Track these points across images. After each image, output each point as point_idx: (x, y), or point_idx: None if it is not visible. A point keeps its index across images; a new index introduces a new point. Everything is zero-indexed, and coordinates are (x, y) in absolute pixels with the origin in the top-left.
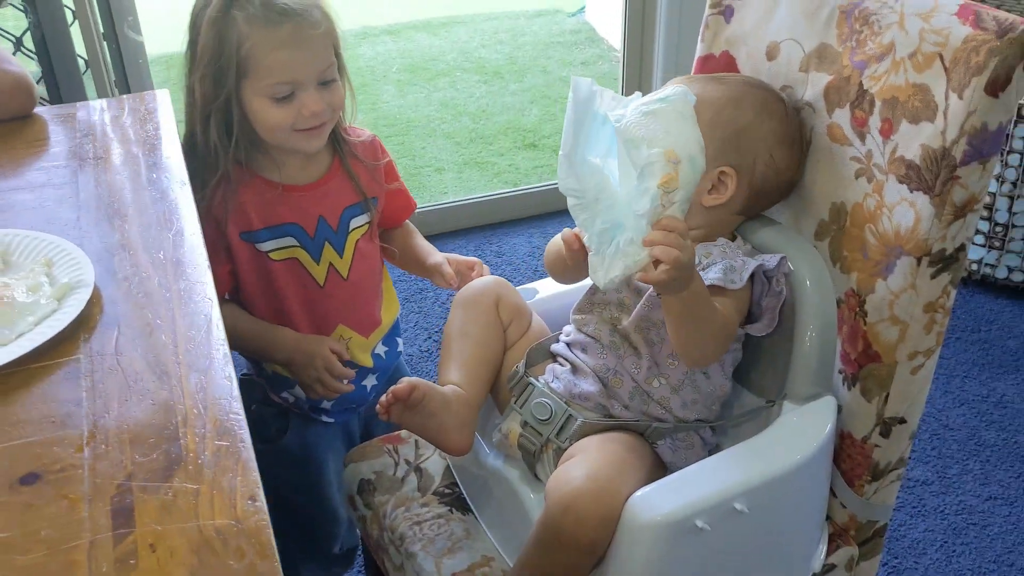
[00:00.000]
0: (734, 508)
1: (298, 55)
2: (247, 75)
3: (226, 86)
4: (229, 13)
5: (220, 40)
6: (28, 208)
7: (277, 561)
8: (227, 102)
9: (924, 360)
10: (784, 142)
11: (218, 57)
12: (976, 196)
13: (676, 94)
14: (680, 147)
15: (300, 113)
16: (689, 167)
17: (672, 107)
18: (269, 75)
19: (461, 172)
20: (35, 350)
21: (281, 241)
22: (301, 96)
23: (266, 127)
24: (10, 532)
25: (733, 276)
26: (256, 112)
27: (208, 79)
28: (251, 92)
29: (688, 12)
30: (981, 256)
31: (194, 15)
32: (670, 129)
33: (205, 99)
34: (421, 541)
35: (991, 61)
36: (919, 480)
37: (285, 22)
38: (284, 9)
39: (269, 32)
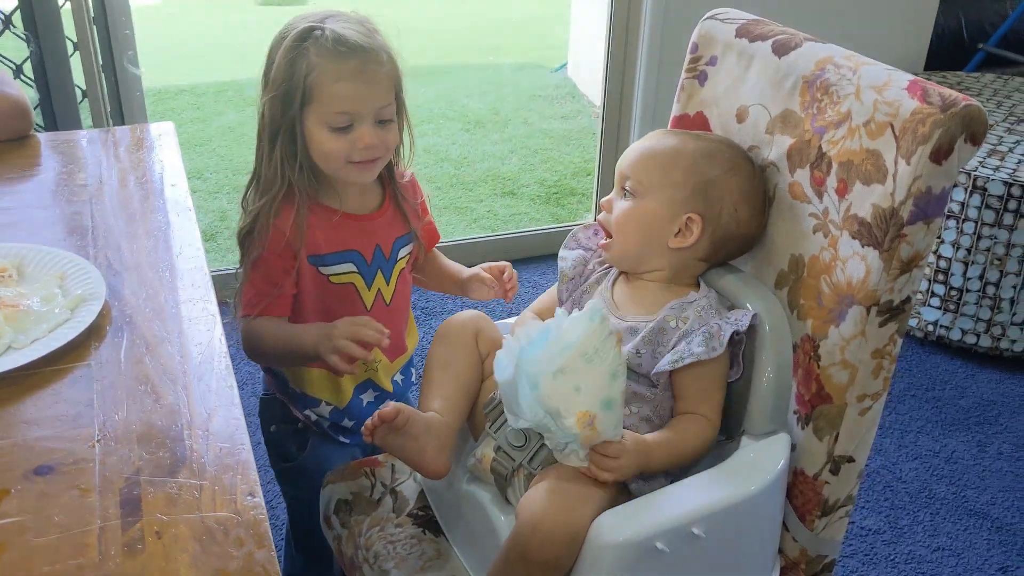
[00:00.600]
0: (692, 532)
1: (360, 88)
2: (311, 102)
3: (291, 110)
4: (303, 44)
5: (291, 67)
6: (40, 226)
7: (274, 550)
8: (291, 126)
9: (872, 403)
10: (748, 199)
11: (287, 82)
12: (921, 253)
13: (583, 329)
14: (591, 402)
15: (355, 145)
16: (606, 413)
17: (580, 353)
18: (331, 104)
19: (441, 216)
20: (49, 355)
21: (343, 266)
22: (358, 129)
23: (322, 154)
24: (26, 516)
25: (713, 343)
26: (315, 139)
27: (277, 102)
28: (313, 119)
29: (665, 72)
30: (936, 318)
31: (273, 43)
32: (579, 385)
33: (273, 121)
34: (394, 559)
35: (935, 132)
36: (871, 529)
37: (352, 57)
38: (354, 45)
39: (336, 64)
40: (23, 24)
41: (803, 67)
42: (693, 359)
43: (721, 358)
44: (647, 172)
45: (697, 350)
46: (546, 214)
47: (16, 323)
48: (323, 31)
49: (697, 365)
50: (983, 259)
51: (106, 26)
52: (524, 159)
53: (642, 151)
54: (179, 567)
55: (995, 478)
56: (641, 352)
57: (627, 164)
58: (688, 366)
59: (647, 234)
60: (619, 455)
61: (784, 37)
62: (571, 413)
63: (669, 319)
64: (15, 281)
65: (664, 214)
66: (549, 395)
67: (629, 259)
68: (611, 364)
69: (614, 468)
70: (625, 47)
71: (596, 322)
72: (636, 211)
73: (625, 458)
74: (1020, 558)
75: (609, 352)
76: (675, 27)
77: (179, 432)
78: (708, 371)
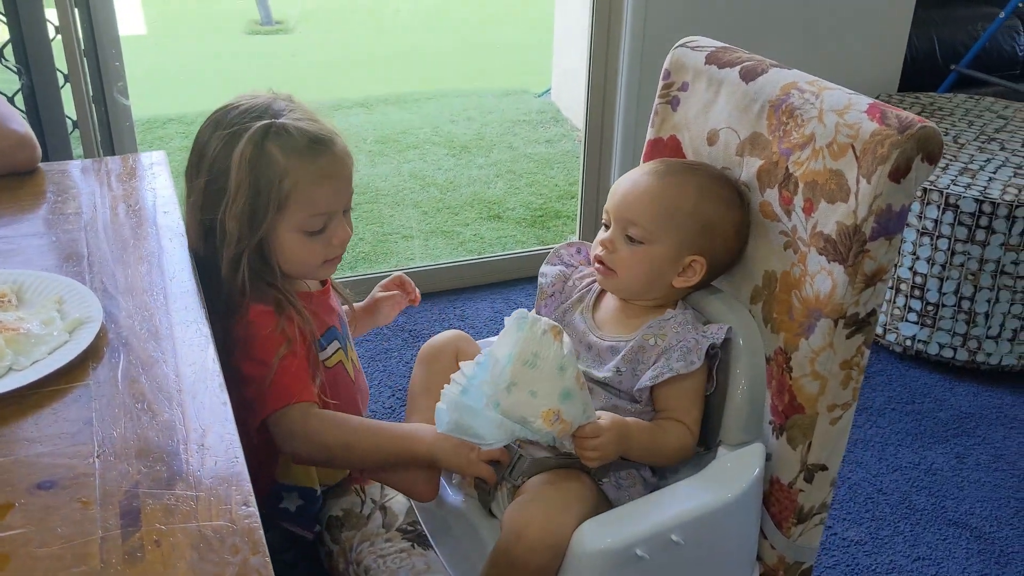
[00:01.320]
0: (671, 539)
1: (337, 186)
2: (283, 209)
3: (264, 224)
4: (264, 147)
5: (257, 176)
6: (37, 252)
7: (268, 556)
8: (262, 236)
9: (842, 412)
10: (739, 232)
11: (255, 195)
12: (884, 267)
13: (514, 339)
14: (550, 401)
15: (330, 243)
16: (568, 403)
17: (522, 362)
18: (309, 208)
19: (428, 240)
20: (49, 376)
21: (332, 346)
22: (331, 226)
23: (296, 261)
24: (30, 528)
25: (691, 358)
26: (287, 246)
27: (244, 217)
28: (284, 227)
29: (645, 97)
30: (914, 333)
31: (207, 145)
32: (533, 390)
33: (240, 238)
34: (385, 573)
35: (893, 152)
36: (852, 540)
37: (323, 152)
38: (319, 138)
39: (309, 164)
40: (14, 57)
41: (769, 92)
42: (672, 374)
43: (699, 371)
44: (653, 220)
45: (676, 365)
46: (532, 237)
47: (17, 346)
48: (283, 128)
49: (677, 379)
50: (957, 275)
51: (96, 58)
52: (509, 183)
53: (645, 196)
54: (178, 573)
55: (973, 488)
56: (622, 370)
57: (631, 209)
58: (668, 380)
59: (653, 276)
60: (597, 433)
61: (751, 64)
62: (536, 416)
63: (648, 337)
64: (14, 306)
65: (670, 256)
66: (510, 409)
67: (631, 293)
68: (554, 360)
69: (597, 447)
70: (605, 74)
71: (525, 329)
72: (644, 257)
73: (604, 435)
74: (998, 566)
75: (549, 350)
76: (653, 54)
77: (175, 447)
78: (687, 384)
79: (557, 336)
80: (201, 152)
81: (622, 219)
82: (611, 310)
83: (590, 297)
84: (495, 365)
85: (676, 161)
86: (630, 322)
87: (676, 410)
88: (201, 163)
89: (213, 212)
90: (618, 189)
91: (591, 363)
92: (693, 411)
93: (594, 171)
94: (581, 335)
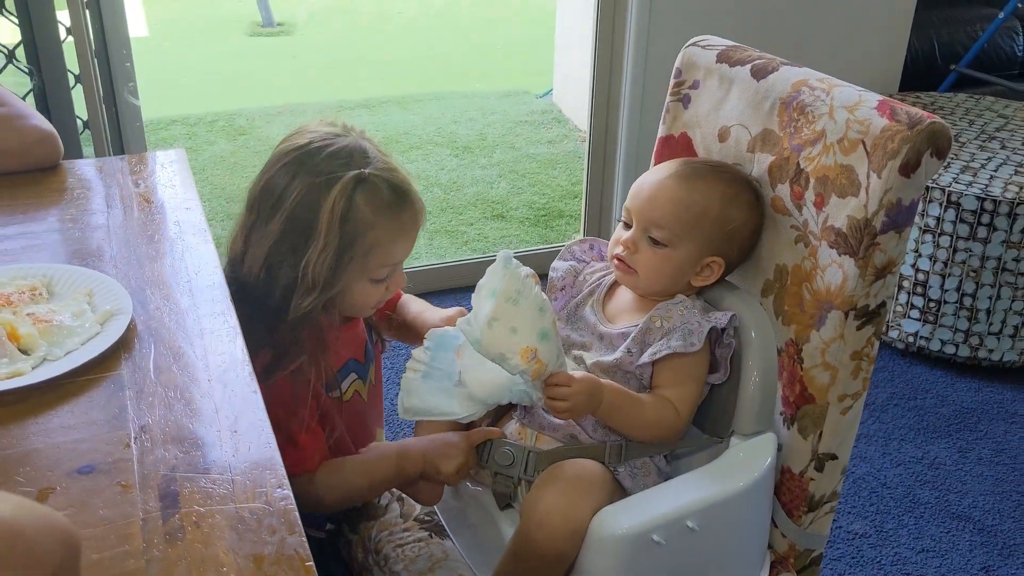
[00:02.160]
0: (687, 525)
1: (412, 237)
2: (360, 256)
3: (347, 270)
4: (354, 200)
5: (346, 229)
6: (62, 248)
7: (304, 536)
8: (335, 282)
9: (852, 402)
10: (756, 232)
11: (343, 247)
12: (894, 260)
13: (500, 277)
14: (529, 337)
15: (388, 290)
16: (545, 344)
17: (505, 298)
18: (386, 259)
19: (432, 239)
20: (82, 366)
21: (348, 380)
22: (395, 274)
23: (359, 306)
24: (72, 510)
25: (692, 339)
26: (355, 291)
27: (328, 268)
28: (357, 272)
29: (649, 97)
30: (916, 330)
31: (288, 188)
32: (514, 327)
33: (323, 287)
34: (403, 561)
35: (903, 148)
36: (858, 533)
37: (406, 208)
38: (402, 191)
39: (394, 220)
40: (26, 58)
41: (780, 89)
42: (669, 351)
43: (699, 355)
44: (680, 225)
45: (674, 343)
46: (535, 236)
47: (50, 337)
48: (372, 182)
49: (674, 357)
50: (959, 271)
51: (107, 58)
52: (512, 183)
53: (672, 200)
54: (218, 552)
55: (976, 482)
56: (632, 351)
57: (656, 212)
58: (665, 358)
59: (675, 276)
60: (568, 382)
61: (762, 62)
62: (514, 353)
63: (655, 319)
64: (45, 299)
65: (692, 259)
66: (490, 344)
67: (649, 291)
68: (535, 300)
69: (567, 396)
70: (609, 73)
71: (511, 267)
72: (666, 259)
73: (575, 385)
74: (1001, 558)
75: (531, 291)
76: (657, 54)
77: (209, 433)
78: (683, 364)
79: (536, 281)
80: (280, 194)
81: (646, 220)
82: (622, 303)
83: (600, 291)
84: (476, 305)
85: (700, 163)
86: (640, 309)
87: (664, 385)
88: (280, 204)
89: (289, 255)
90: (643, 189)
91: (603, 351)
92: (682, 389)
93: (598, 170)
94: (592, 327)
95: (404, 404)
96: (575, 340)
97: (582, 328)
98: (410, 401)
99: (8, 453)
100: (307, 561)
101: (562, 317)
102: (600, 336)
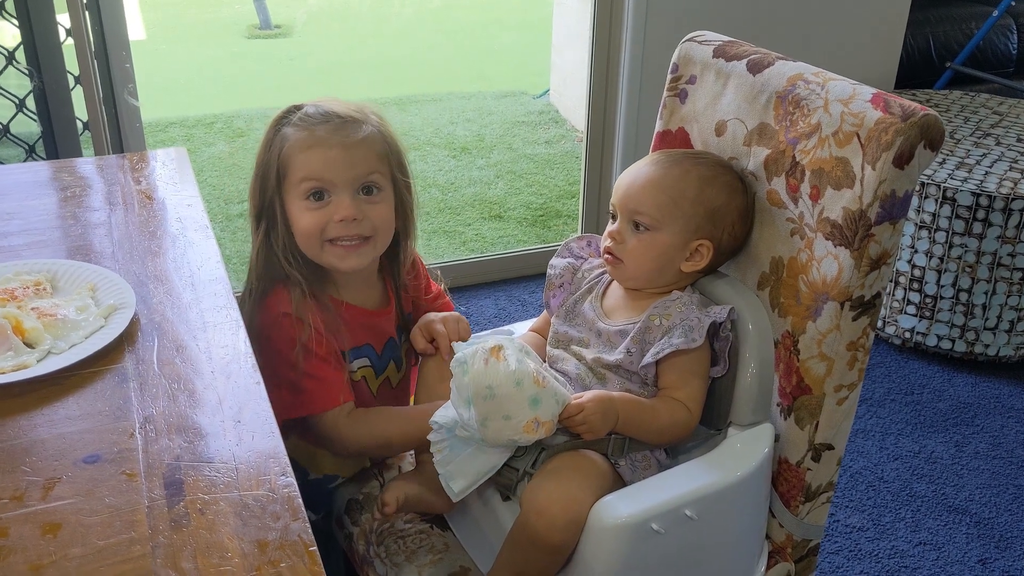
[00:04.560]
0: (685, 514)
1: (331, 154)
2: (285, 177)
3: (268, 191)
4: (281, 123)
5: (268, 147)
6: (65, 243)
7: (307, 522)
8: (271, 209)
9: (848, 392)
10: (744, 217)
11: (264, 163)
12: (888, 251)
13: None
14: (523, 413)
15: (331, 218)
16: (539, 407)
17: (482, 399)
18: (300, 171)
19: (430, 240)
20: (87, 358)
21: (359, 362)
22: (334, 200)
23: (300, 234)
24: (79, 499)
25: (693, 335)
26: (292, 217)
27: (257, 185)
28: (290, 197)
29: (646, 96)
30: (913, 325)
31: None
32: (505, 413)
33: (254, 206)
34: (405, 553)
35: (897, 139)
36: (855, 527)
37: (325, 123)
38: (329, 113)
39: (306, 132)
40: (26, 59)
41: (776, 83)
42: (672, 349)
43: (701, 350)
44: (658, 207)
45: (676, 341)
46: (533, 236)
47: (55, 330)
48: (303, 107)
49: (677, 354)
50: (955, 267)
51: (106, 60)
52: (510, 183)
53: (649, 184)
54: (223, 538)
55: (973, 476)
56: (632, 351)
57: (636, 199)
58: (669, 356)
59: (662, 262)
60: (578, 410)
61: (757, 56)
62: (519, 433)
63: (653, 318)
64: (49, 294)
65: (677, 243)
66: (494, 439)
67: (640, 282)
68: (507, 380)
69: (585, 421)
70: (607, 73)
71: (466, 371)
72: (652, 244)
73: (587, 408)
74: (998, 550)
75: (498, 374)
76: (654, 53)
77: (213, 423)
78: (687, 360)
79: (498, 355)
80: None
81: (628, 209)
82: (619, 298)
83: (599, 287)
84: (460, 415)
85: (678, 151)
86: (637, 306)
87: (672, 385)
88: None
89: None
90: (623, 181)
91: (602, 348)
92: (690, 388)
93: (595, 170)
94: (591, 323)
95: (454, 490)
96: (573, 336)
97: (580, 324)
98: (457, 484)
99: (15, 443)
100: (311, 546)
101: (560, 314)
102: (598, 332)
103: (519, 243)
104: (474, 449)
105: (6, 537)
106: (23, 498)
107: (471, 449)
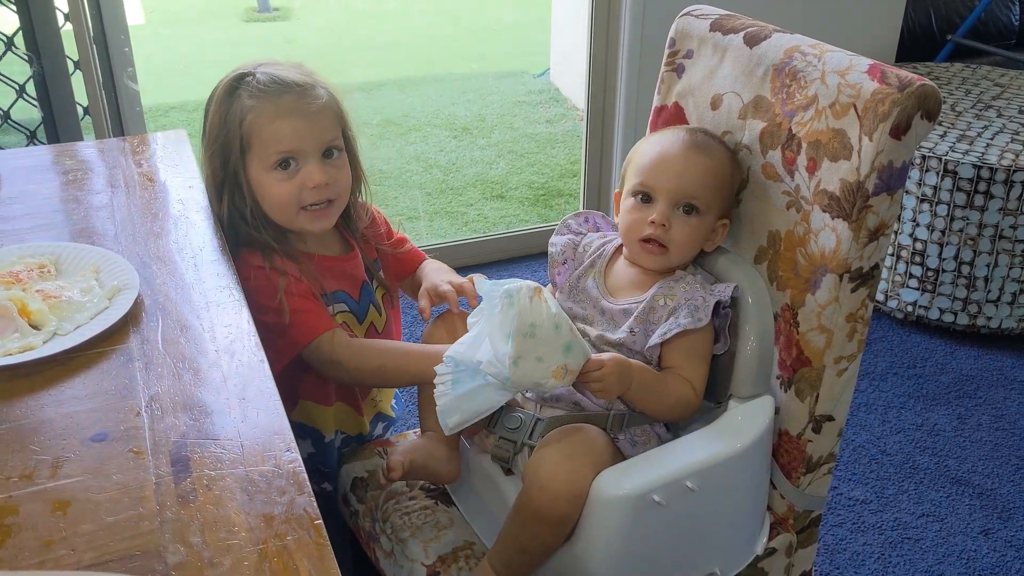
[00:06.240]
0: (686, 486)
1: (298, 124)
2: (250, 148)
3: (231, 161)
4: (235, 91)
5: (225, 116)
6: (68, 226)
7: (312, 496)
8: (235, 178)
9: (848, 364)
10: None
11: (224, 133)
12: (886, 222)
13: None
14: (555, 357)
15: (304, 186)
16: (570, 355)
17: (522, 336)
18: (271, 144)
19: (432, 221)
20: (92, 339)
21: (338, 307)
22: (304, 168)
23: (272, 203)
24: (87, 476)
25: (699, 315)
26: (262, 187)
27: (216, 156)
28: (256, 166)
29: (646, 73)
30: (915, 299)
31: (208, 100)
32: (539, 355)
33: (215, 176)
34: (410, 528)
35: (894, 110)
36: (858, 499)
37: (285, 93)
38: (287, 82)
39: (269, 103)
40: (25, 45)
41: (773, 56)
42: (679, 329)
43: (706, 329)
44: (711, 191)
45: (683, 321)
46: (534, 215)
47: (60, 312)
48: (254, 75)
49: (684, 335)
50: (957, 240)
51: (105, 45)
52: (511, 163)
53: (702, 171)
54: (230, 513)
55: (975, 448)
56: (635, 331)
57: (694, 184)
58: (675, 336)
59: (699, 244)
60: (599, 366)
61: (754, 29)
62: (547, 377)
63: (658, 298)
64: (54, 276)
65: (712, 224)
66: (522, 380)
67: (677, 265)
68: (549, 322)
69: (601, 377)
70: (606, 51)
71: (513, 304)
72: (700, 227)
73: (606, 366)
74: (1000, 521)
75: (542, 314)
76: (653, 29)
77: (218, 401)
78: (693, 340)
79: (541, 296)
80: (205, 110)
81: (683, 194)
82: (623, 275)
83: (601, 262)
84: (496, 348)
85: (699, 130)
86: (642, 283)
87: (679, 364)
88: (203, 126)
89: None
90: (667, 164)
91: (606, 327)
92: (697, 368)
93: (596, 148)
94: (594, 300)
95: (448, 424)
96: (577, 313)
97: (584, 301)
98: (451, 419)
99: (23, 423)
100: (316, 519)
101: (565, 290)
102: (602, 311)
103: (521, 223)
104: (477, 387)
105: (16, 515)
106: (32, 476)
107: (474, 385)
